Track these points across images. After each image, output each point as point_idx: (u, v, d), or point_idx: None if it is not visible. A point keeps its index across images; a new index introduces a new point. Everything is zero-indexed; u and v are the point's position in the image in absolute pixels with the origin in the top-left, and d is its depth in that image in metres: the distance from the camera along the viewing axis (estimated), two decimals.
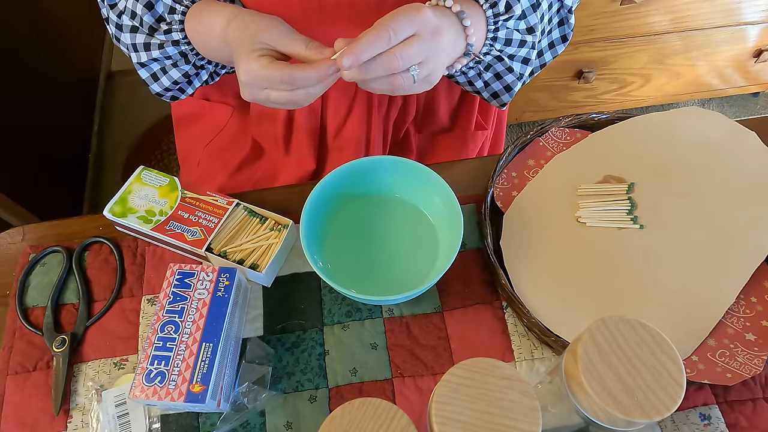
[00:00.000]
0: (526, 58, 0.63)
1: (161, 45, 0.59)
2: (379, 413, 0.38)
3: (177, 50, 0.60)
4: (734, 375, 0.51)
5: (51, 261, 0.63)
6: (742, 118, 0.68)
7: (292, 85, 0.51)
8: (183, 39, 0.59)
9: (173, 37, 0.58)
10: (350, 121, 0.72)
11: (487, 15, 0.57)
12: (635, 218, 0.61)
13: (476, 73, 0.63)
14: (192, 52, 0.60)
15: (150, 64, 0.62)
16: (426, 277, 0.58)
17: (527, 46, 0.61)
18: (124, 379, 0.56)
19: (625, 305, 0.56)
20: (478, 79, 0.64)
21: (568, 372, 0.39)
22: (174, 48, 0.60)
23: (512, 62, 0.62)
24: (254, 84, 0.52)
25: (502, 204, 0.63)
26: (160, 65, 0.62)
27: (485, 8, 0.57)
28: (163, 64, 0.61)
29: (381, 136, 0.75)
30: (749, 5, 1.39)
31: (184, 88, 0.65)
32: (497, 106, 0.69)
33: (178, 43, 0.59)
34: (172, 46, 0.59)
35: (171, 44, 0.59)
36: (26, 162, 1.35)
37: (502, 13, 0.58)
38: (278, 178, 0.79)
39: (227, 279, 0.55)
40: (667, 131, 0.67)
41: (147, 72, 0.62)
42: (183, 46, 0.59)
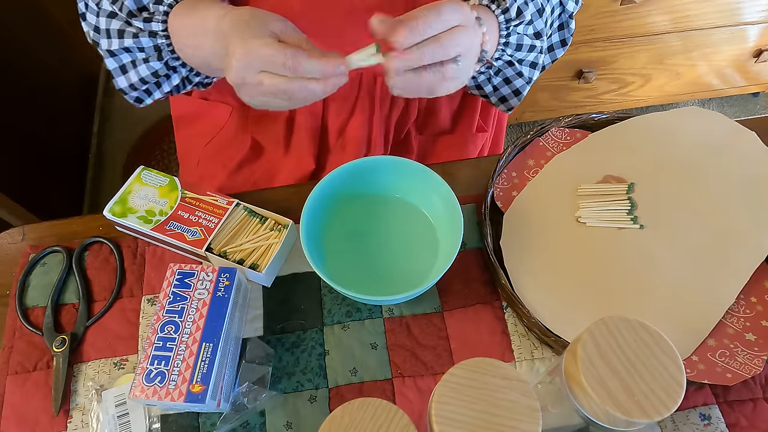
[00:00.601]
0: (534, 62, 0.63)
1: (136, 34, 0.56)
2: (379, 413, 0.38)
3: (152, 43, 0.56)
4: (734, 375, 0.51)
5: (51, 261, 0.63)
6: (742, 118, 0.68)
7: (294, 71, 0.46)
8: (162, 31, 0.55)
9: (152, 27, 0.55)
10: (352, 121, 0.72)
11: (500, 21, 0.58)
12: (635, 218, 0.61)
13: (486, 78, 0.63)
14: (168, 47, 0.56)
15: (120, 54, 0.58)
16: (426, 277, 0.58)
17: (536, 51, 0.62)
18: (124, 379, 0.56)
19: (625, 305, 0.56)
20: (488, 84, 0.64)
21: (568, 372, 0.39)
22: (150, 40, 0.56)
23: (522, 66, 0.62)
24: (249, 65, 0.47)
25: (502, 204, 0.63)
26: (130, 57, 0.58)
27: (497, 14, 0.58)
28: (134, 57, 0.58)
29: (383, 136, 0.75)
30: (749, 5, 1.39)
31: (151, 90, 0.61)
32: (504, 111, 0.69)
33: (156, 35, 0.56)
34: (148, 37, 0.56)
35: (147, 35, 0.56)
36: (27, 162, 1.35)
37: (514, 19, 0.58)
38: (278, 178, 0.79)
39: (227, 279, 0.55)
40: (667, 131, 0.67)
41: (116, 62, 0.59)
42: (160, 39, 0.56)
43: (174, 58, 0.58)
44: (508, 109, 0.68)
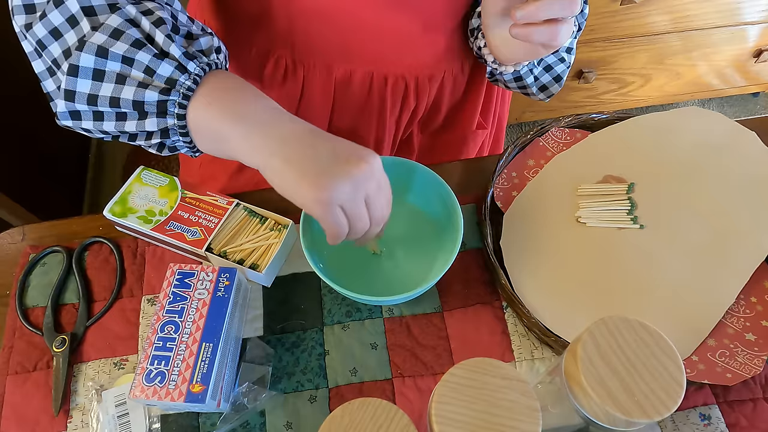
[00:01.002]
0: (570, 47, 0.66)
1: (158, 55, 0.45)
2: (379, 413, 0.38)
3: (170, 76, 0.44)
4: (734, 375, 0.51)
5: (51, 261, 0.63)
6: (742, 118, 0.68)
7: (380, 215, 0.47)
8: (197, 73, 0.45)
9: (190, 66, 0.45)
10: (362, 123, 0.72)
11: None
12: (635, 218, 0.61)
13: (528, 69, 0.64)
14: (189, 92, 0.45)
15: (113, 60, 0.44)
16: (426, 277, 0.58)
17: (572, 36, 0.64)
18: (124, 379, 0.56)
19: (625, 305, 0.56)
20: (530, 75, 0.65)
21: (568, 372, 0.39)
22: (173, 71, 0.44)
23: (562, 52, 0.65)
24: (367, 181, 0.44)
25: (502, 204, 0.63)
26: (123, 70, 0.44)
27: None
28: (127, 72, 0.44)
29: (391, 137, 0.75)
30: (749, 5, 1.40)
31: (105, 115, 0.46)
32: (543, 99, 0.70)
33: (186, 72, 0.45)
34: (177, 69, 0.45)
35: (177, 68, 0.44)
36: (27, 162, 1.35)
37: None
38: None
39: (227, 279, 0.55)
40: (667, 131, 0.67)
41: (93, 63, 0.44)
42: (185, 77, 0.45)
43: (181, 104, 0.45)
44: (548, 97, 0.70)
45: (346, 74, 0.66)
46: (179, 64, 0.45)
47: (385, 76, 0.67)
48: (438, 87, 0.71)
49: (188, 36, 0.48)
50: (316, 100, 0.69)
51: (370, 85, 0.68)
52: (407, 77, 0.67)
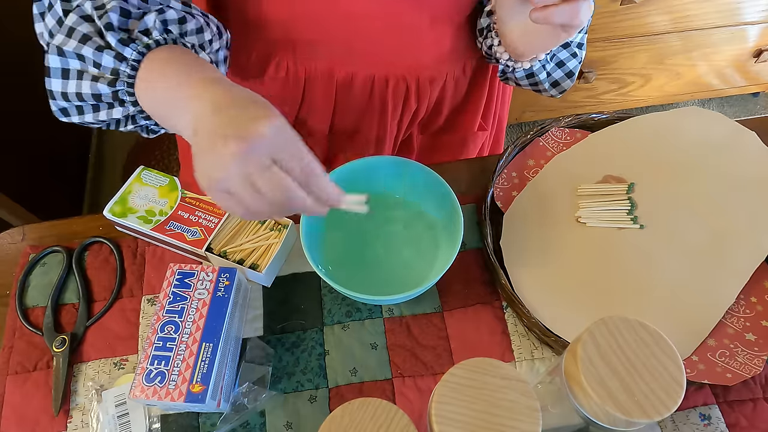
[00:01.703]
0: (581, 43, 0.67)
1: (101, 47, 0.47)
2: (379, 413, 0.38)
3: (113, 66, 0.46)
4: (734, 375, 0.51)
5: (51, 261, 0.63)
6: (742, 118, 0.68)
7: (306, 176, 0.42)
8: (133, 61, 0.46)
9: (125, 51, 0.46)
10: (363, 125, 0.72)
11: None
12: (635, 218, 0.61)
13: (541, 66, 0.65)
14: (128, 79, 0.47)
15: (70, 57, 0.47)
16: (426, 277, 0.58)
17: (582, 31, 0.66)
18: (124, 379, 0.56)
19: (625, 305, 0.56)
20: (542, 71, 0.65)
21: (568, 372, 0.39)
22: (113, 61, 0.46)
23: (574, 47, 0.66)
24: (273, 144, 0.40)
25: (502, 204, 0.63)
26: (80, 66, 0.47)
27: None
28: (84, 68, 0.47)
29: (392, 139, 0.75)
30: (749, 5, 1.40)
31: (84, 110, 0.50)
32: (555, 95, 0.70)
33: (123, 60, 0.46)
34: (113, 58, 0.46)
35: (114, 56, 0.46)
36: (26, 162, 1.35)
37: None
38: None
39: (227, 279, 0.55)
40: (667, 131, 0.67)
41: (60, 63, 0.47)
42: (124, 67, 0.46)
43: (128, 92, 0.47)
44: (560, 93, 0.70)
45: (348, 76, 0.66)
46: (116, 52, 0.47)
47: (387, 78, 0.67)
48: (440, 89, 0.71)
49: (139, 17, 0.49)
50: (317, 102, 0.69)
51: (372, 88, 0.68)
52: (408, 79, 0.67)
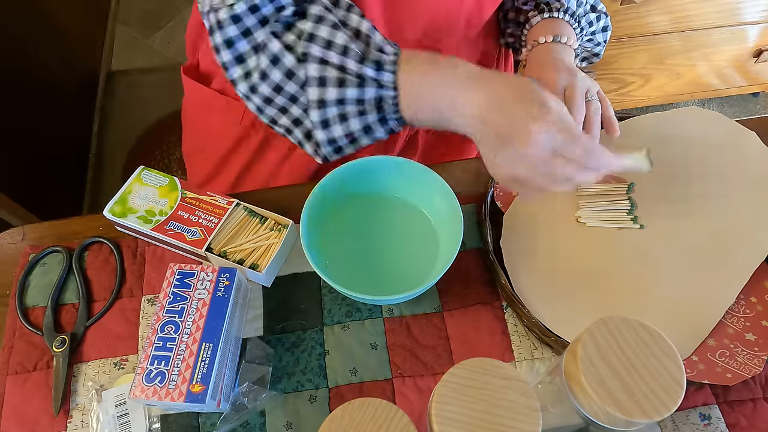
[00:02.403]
0: (605, 26, 0.74)
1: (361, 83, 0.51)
2: (379, 413, 0.38)
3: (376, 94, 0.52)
4: (734, 375, 0.51)
5: (51, 261, 0.63)
6: (742, 118, 0.68)
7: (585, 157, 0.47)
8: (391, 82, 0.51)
9: (383, 77, 0.51)
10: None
11: (567, 20, 0.68)
12: (635, 218, 0.61)
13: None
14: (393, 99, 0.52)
15: (330, 107, 0.52)
16: (426, 277, 0.58)
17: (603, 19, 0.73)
18: (124, 379, 0.56)
19: (625, 305, 0.56)
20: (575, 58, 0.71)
21: (568, 372, 0.39)
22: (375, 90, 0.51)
23: (596, 36, 0.74)
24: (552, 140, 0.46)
25: (502, 204, 0.63)
26: (339, 110, 0.53)
27: (561, 16, 0.68)
28: (343, 110, 0.53)
29: (399, 139, 0.75)
30: (749, 5, 1.39)
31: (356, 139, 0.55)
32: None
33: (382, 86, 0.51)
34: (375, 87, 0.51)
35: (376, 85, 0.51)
36: (26, 162, 1.35)
37: (576, 10, 0.68)
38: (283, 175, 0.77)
39: (227, 279, 0.55)
40: (667, 131, 0.67)
41: (320, 115, 0.53)
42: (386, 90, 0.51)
43: (395, 111, 0.53)
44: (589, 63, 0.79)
45: None
46: (377, 81, 0.51)
47: None
48: None
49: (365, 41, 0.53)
50: None
51: None
52: None
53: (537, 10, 0.71)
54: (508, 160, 0.48)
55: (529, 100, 0.47)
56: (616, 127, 0.62)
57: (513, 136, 0.47)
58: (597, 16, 0.73)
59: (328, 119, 0.53)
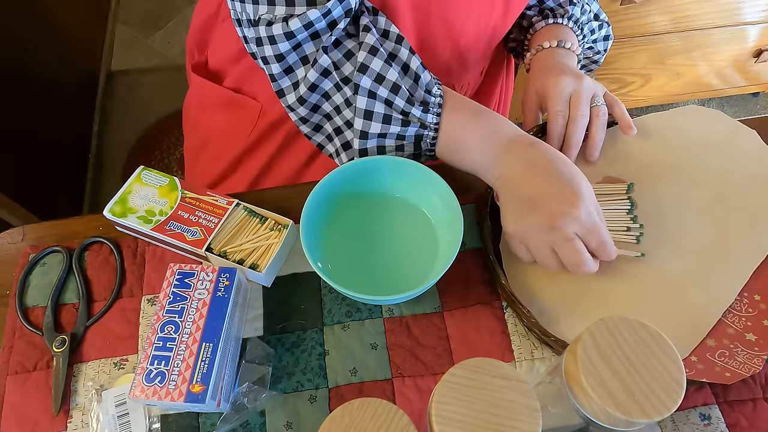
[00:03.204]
0: (606, 35, 0.76)
1: (406, 122, 0.55)
2: (379, 413, 0.38)
3: (417, 133, 0.56)
4: (733, 374, 0.51)
5: (51, 261, 0.63)
6: (742, 118, 0.68)
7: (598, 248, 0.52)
8: (434, 124, 0.55)
9: (427, 118, 0.55)
10: None
11: (571, 27, 0.70)
12: (635, 218, 0.61)
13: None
14: (432, 140, 0.56)
15: (371, 139, 0.56)
16: (426, 277, 0.58)
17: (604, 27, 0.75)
18: (124, 379, 0.56)
19: (625, 305, 0.56)
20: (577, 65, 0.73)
21: (568, 372, 0.39)
22: (417, 129, 0.55)
23: (597, 44, 0.75)
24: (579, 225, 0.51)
25: None
26: (378, 143, 0.57)
27: (565, 23, 0.70)
28: (382, 143, 0.57)
29: None
30: (749, 5, 1.39)
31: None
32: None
33: (425, 126, 0.55)
34: (418, 127, 0.55)
35: (419, 125, 0.55)
36: (26, 162, 1.35)
37: (580, 17, 0.70)
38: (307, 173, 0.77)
39: (227, 279, 0.55)
40: (667, 131, 0.67)
41: (361, 145, 0.57)
42: (428, 131, 0.56)
43: (430, 150, 0.58)
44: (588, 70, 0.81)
45: None
46: (420, 122, 0.55)
47: None
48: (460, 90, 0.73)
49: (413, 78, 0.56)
50: None
51: None
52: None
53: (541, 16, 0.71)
54: (530, 225, 0.52)
55: (568, 184, 0.51)
56: (630, 124, 0.64)
57: (547, 209, 0.51)
58: (599, 24, 0.74)
59: (367, 149, 0.57)
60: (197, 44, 0.79)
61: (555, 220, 0.50)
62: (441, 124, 0.56)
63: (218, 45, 0.75)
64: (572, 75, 0.63)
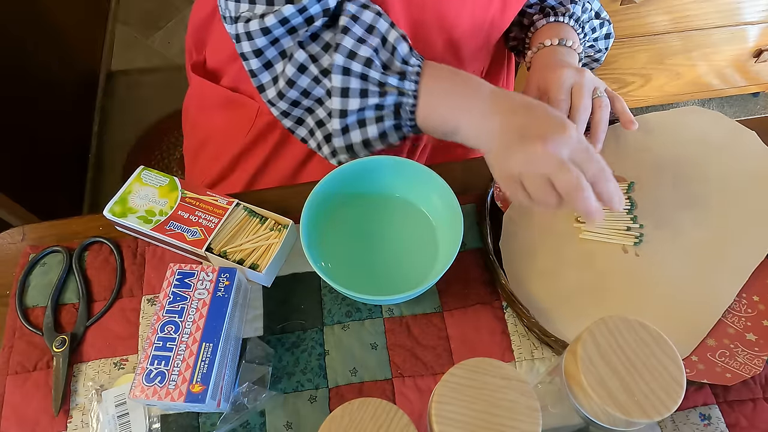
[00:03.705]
0: (608, 33, 0.75)
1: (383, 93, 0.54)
2: (379, 413, 0.38)
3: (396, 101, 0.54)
4: (734, 375, 0.51)
5: (51, 261, 0.63)
6: (742, 118, 0.68)
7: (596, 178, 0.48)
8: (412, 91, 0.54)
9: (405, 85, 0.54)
10: None
11: (572, 26, 0.69)
12: (635, 218, 0.61)
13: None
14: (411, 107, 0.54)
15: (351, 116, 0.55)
16: (426, 277, 0.58)
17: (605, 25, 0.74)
18: (124, 379, 0.56)
19: (625, 305, 0.56)
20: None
21: (568, 372, 0.39)
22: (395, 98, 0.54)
23: (599, 43, 0.75)
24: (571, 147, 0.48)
25: (502, 204, 0.63)
26: (358, 117, 0.55)
27: (566, 21, 0.69)
28: (363, 117, 0.55)
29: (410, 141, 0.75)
30: (749, 5, 1.39)
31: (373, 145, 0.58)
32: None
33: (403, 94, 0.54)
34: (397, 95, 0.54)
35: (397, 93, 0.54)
36: (26, 162, 1.35)
37: (581, 15, 0.70)
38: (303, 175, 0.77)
39: (227, 279, 0.55)
40: (667, 131, 0.67)
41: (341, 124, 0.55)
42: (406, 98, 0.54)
43: (410, 118, 0.56)
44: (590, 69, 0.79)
45: None
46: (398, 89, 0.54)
47: None
48: None
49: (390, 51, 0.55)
50: None
51: None
52: None
53: (542, 14, 0.71)
54: (521, 156, 0.49)
55: (553, 115, 0.50)
56: (631, 118, 0.63)
57: (536, 134, 0.48)
58: (600, 23, 0.74)
59: (348, 126, 0.56)
60: (195, 44, 0.79)
61: (546, 142, 0.47)
62: (420, 90, 0.54)
63: (215, 44, 0.75)
64: (574, 68, 0.63)
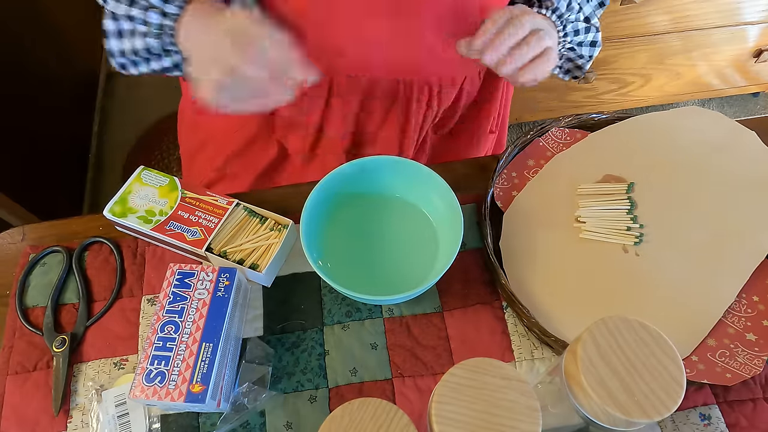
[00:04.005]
0: (594, 41, 0.71)
1: (147, 8, 0.56)
2: (379, 413, 0.38)
3: (159, 21, 0.56)
4: (734, 375, 0.51)
5: (51, 261, 0.63)
6: (742, 118, 0.68)
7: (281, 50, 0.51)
8: (174, 14, 0.56)
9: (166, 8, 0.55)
10: (386, 128, 0.72)
11: (553, 20, 0.65)
12: (635, 218, 0.61)
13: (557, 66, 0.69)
14: (170, 31, 0.56)
15: (121, 20, 0.58)
16: (426, 277, 0.58)
17: (592, 31, 0.70)
18: (124, 379, 0.56)
19: (625, 305, 0.56)
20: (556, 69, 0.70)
21: (568, 372, 0.39)
22: (158, 17, 0.56)
23: (582, 48, 0.71)
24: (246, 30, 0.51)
25: (502, 204, 0.63)
26: (131, 26, 0.58)
27: (548, 15, 0.65)
28: (134, 27, 0.58)
29: (415, 140, 0.75)
30: (749, 5, 1.39)
31: (138, 63, 0.60)
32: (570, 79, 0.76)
33: (166, 16, 0.56)
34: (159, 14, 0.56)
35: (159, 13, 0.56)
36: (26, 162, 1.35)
37: (564, 13, 0.66)
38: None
39: (227, 279, 0.55)
40: (667, 131, 0.67)
41: (115, 26, 0.58)
42: (168, 20, 0.56)
43: (172, 43, 0.57)
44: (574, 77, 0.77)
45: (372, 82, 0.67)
46: (161, 10, 0.55)
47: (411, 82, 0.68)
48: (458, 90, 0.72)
49: None
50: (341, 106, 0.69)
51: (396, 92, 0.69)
52: (432, 83, 0.68)
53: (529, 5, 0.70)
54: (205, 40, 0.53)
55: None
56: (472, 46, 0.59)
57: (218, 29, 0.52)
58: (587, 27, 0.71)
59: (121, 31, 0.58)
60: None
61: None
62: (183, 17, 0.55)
63: None
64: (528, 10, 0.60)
